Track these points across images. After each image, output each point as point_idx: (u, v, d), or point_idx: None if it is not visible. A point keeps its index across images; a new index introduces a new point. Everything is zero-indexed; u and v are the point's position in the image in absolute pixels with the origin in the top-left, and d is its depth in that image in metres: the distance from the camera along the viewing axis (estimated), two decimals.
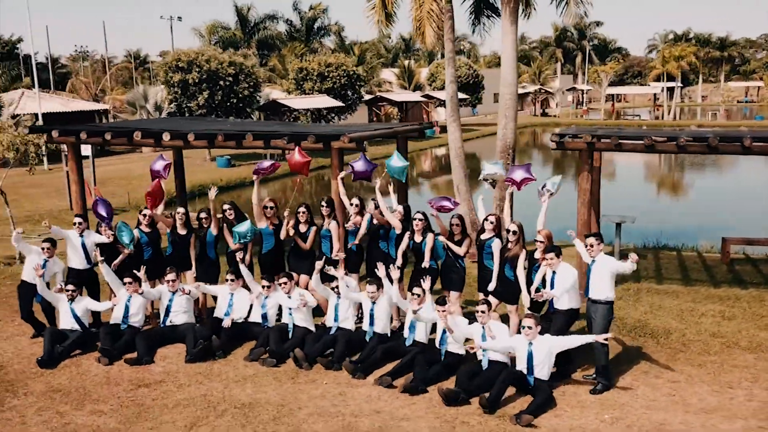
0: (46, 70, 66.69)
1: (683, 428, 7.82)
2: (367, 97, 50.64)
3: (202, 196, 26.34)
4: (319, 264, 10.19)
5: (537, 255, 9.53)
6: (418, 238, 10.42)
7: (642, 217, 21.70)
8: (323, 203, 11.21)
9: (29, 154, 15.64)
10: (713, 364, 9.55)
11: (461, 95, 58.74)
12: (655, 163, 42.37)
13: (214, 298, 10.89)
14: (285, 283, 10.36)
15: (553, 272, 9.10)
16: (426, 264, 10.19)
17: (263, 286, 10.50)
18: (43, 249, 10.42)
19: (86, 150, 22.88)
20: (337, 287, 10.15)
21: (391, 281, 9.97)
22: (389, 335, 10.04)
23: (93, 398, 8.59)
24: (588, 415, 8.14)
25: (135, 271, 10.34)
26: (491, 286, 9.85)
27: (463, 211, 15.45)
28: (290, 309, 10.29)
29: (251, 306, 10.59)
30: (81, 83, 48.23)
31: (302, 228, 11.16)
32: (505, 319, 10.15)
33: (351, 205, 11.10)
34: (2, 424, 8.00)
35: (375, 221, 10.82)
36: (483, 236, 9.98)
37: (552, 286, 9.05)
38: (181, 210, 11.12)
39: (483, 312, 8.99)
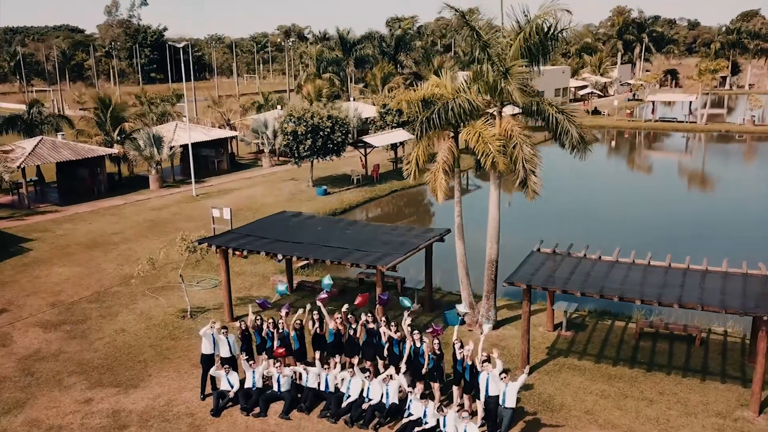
0: (185, 58, 74.33)
1: None
2: None
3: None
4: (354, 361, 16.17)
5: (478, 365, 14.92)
6: (418, 344, 16.05)
7: None
8: (364, 315, 17.03)
9: (197, 252, 21.72)
10: None
11: None
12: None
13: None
14: (351, 367, 16.26)
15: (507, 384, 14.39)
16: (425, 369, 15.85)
17: (325, 366, 16.45)
18: (215, 328, 16.65)
19: (226, 212, 29.10)
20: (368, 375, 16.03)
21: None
22: (397, 402, 15.79)
23: None
24: None
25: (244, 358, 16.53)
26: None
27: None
28: (348, 385, 16.16)
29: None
30: (217, 113, 55.14)
31: (353, 325, 17.01)
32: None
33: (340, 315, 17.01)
34: None
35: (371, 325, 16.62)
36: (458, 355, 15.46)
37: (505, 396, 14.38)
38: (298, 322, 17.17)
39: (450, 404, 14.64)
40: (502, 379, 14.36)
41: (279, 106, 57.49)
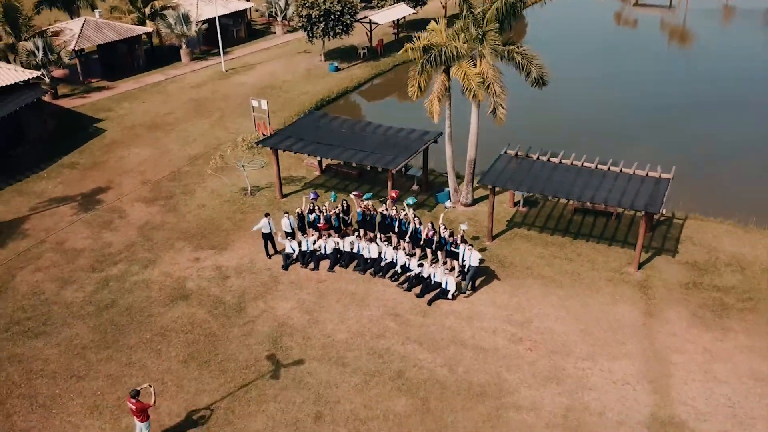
0: None
1: (477, 310, 21.99)
2: None
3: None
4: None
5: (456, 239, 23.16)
6: (418, 225, 24.15)
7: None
8: (384, 204, 24.99)
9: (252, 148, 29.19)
10: (516, 284, 23.38)
11: None
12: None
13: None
14: (373, 238, 24.48)
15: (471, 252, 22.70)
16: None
17: (358, 236, 24.69)
18: (269, 216, 24.73)
19: (263, 104, 35.79)
20: (386, 241, 24.32)
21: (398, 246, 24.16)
22: (405, 265, 24.18)
23: (303, 286, 23.35)
24: (458, 304, 22.36)
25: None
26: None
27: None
28: (368, 248, 24.45)
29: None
30: None
31: (372, 211, 25.06)
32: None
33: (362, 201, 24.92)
34: (278, 296, 22.88)
35: (385, 212, 24.63)
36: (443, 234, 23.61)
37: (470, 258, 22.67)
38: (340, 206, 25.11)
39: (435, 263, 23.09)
40: (469, 249, 22.65)
41: None
